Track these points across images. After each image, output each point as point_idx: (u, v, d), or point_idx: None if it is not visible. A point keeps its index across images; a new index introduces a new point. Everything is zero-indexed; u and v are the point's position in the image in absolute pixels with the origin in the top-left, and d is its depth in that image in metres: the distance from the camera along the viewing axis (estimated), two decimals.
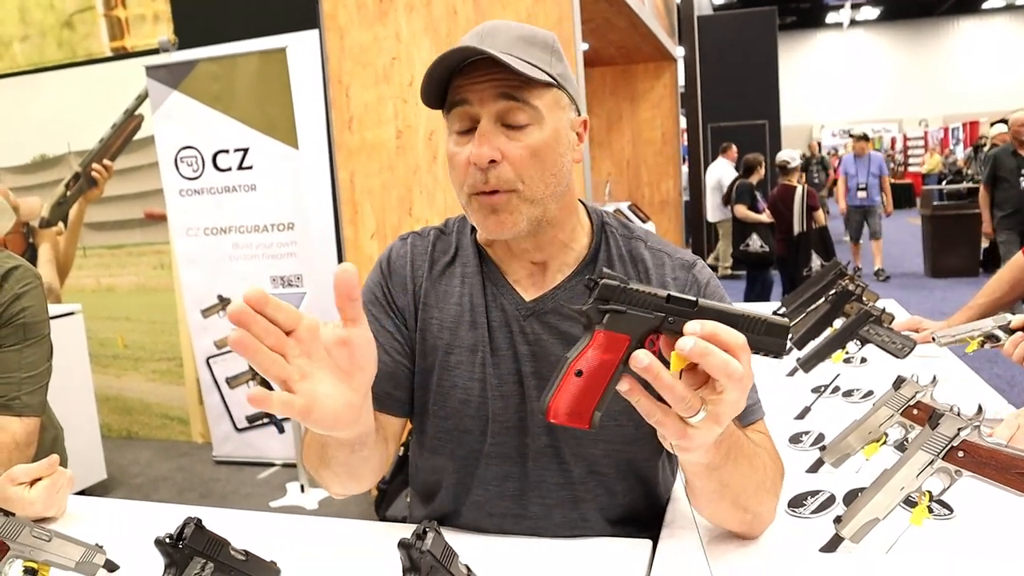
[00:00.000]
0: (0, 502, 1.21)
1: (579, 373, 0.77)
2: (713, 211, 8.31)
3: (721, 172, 8.36)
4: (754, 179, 6.27)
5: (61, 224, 4.60)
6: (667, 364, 0.76)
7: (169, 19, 4.21)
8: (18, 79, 4.56)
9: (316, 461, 1.03)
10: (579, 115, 1.07)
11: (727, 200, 6.62)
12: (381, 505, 2.83)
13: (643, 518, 1.14)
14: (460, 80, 0.99)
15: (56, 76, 4.46)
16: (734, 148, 8.69)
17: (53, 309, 1.58)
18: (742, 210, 6.13)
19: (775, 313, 1.10)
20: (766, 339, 0.78)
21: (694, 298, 0.77)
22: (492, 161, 0.98)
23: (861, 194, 8.42)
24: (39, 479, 1.26)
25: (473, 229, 1.16)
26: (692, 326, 0.74)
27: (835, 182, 11.53)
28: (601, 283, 0.77)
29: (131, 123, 4.32)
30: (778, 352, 0.78)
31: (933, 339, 1.80)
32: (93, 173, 4.43)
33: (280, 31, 3.74)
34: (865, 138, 8.69)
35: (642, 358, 0.73)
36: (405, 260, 1.15)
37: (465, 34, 1.04)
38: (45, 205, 4.60)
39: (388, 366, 1.10)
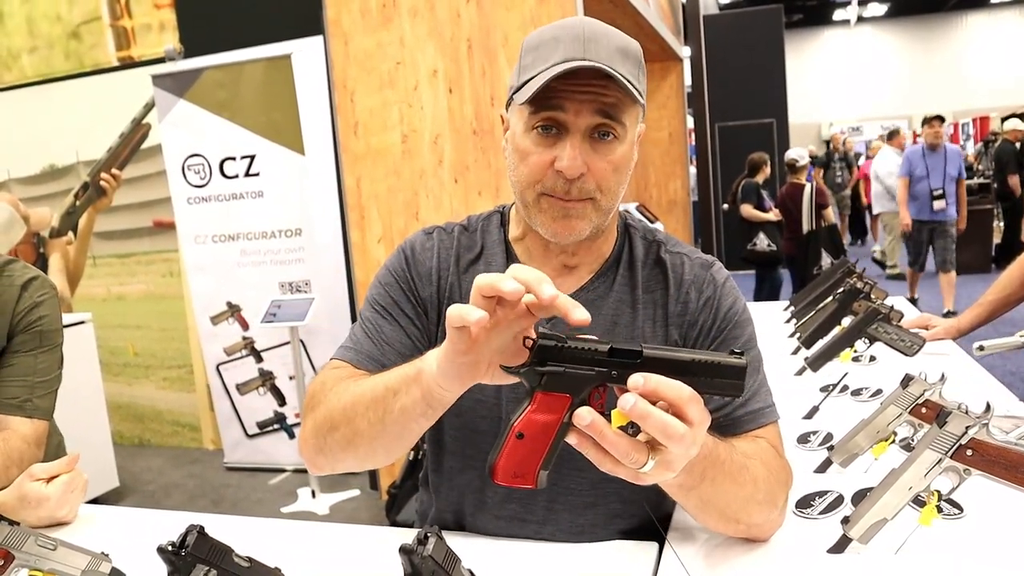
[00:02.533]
0: (17, 498, 1.26)
1: (520, 436, 0.76)
2: (877, 202, 7.98)
3: (879, 163, 7.84)
4: (759, 178, 6.24)
5: (71, 234, 4.63)
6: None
7: (175, 28, 4.24)
8: (26, 90, 4.60)
9: (375, 419, 0.93)
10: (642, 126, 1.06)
11: (733, 200, 6.57)
12: (392, 509, 2.84)
13: (651, 526, 1.13)
14: (559, 83, 0.94)
15: (64, 87, 4.49)
16: (903, 133, 7.67)
17: (63, 319, 1.64)
18: (748, 209, 6.11)
19: (787, 309, 1.09)
20: (719, 382, 0.75)
21: (639, 348, 0.75)
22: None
23: (938, 204, 5.98)
24: (56, 476, 1.29)
25: (500, 227, 1.15)
26: (635, 381, 0.72)
27: (859, 182, 11.25)
28: (537, 345, 0.75)
29: (138, 132, 4.35)
30: (734, 394, 0.76)
31: (982, 348, 1.76)
32: (102, 182, 4.47)
33: (285, 38, 3.75)
34: (941, 121, 6.20)
35: (584, 416, 0.72)
36: (432, 253, 1.14)
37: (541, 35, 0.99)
38: (55, 215, 4.63)
39: (408, 348, 1.08)
